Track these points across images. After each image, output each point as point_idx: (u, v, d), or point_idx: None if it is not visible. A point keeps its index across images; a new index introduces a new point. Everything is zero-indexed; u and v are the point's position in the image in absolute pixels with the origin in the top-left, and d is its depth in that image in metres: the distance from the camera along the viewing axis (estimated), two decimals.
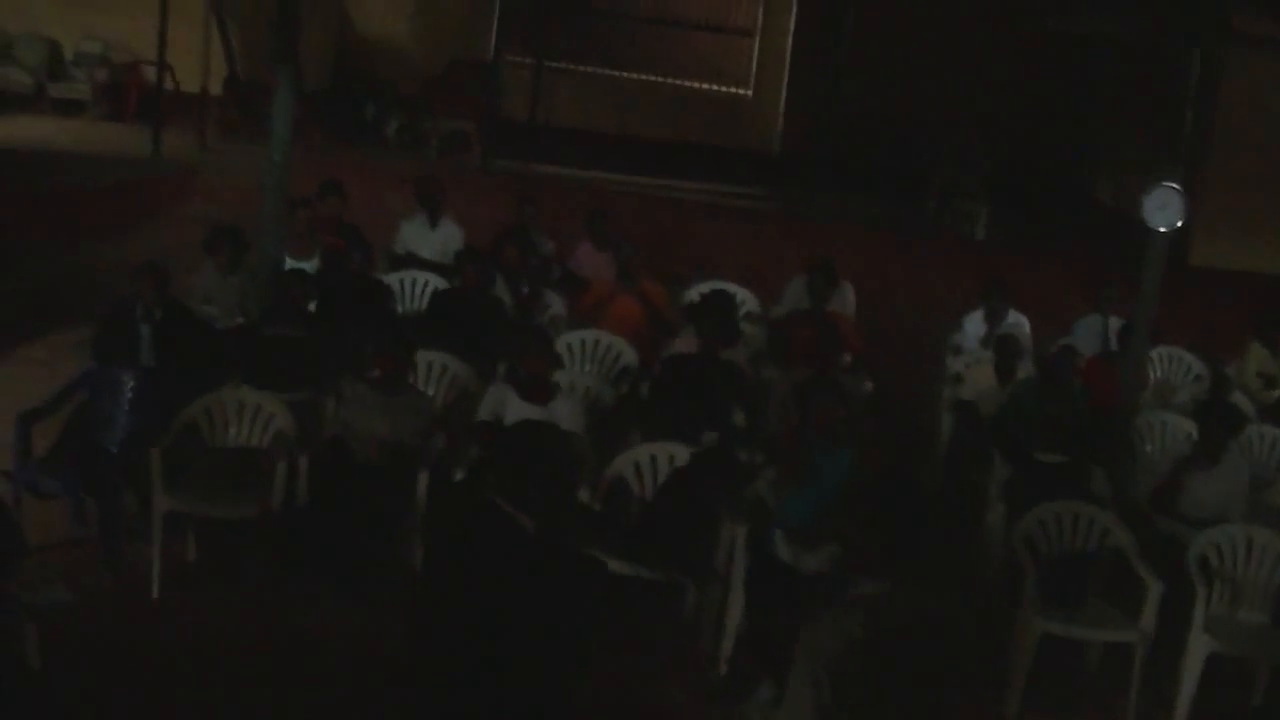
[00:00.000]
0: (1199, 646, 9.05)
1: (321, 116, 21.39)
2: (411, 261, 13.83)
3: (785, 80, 25.36)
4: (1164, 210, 10.93)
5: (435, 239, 14.23)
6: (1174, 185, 10.91)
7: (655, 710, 8.55)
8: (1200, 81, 12.07)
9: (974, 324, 14.09)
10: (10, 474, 9.20)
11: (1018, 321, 13.88)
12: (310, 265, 12.62)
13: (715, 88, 25.31)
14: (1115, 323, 13.68)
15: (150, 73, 21.12)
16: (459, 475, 9.31)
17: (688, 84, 25.17)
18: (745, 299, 13.99)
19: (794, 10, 25.45)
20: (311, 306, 11.67)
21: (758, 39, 25.63)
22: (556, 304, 13.10)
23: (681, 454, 9.63)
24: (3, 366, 12.41)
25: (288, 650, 8.65)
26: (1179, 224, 11.04)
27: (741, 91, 25.47)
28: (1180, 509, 10.34)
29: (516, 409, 9.56)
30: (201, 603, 9.07)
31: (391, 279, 13.14)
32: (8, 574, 7.32)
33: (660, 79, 25.00)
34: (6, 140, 18.99)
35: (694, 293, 13.68)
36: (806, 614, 7.32)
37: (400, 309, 12.84)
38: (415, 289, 13.20)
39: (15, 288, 14.36)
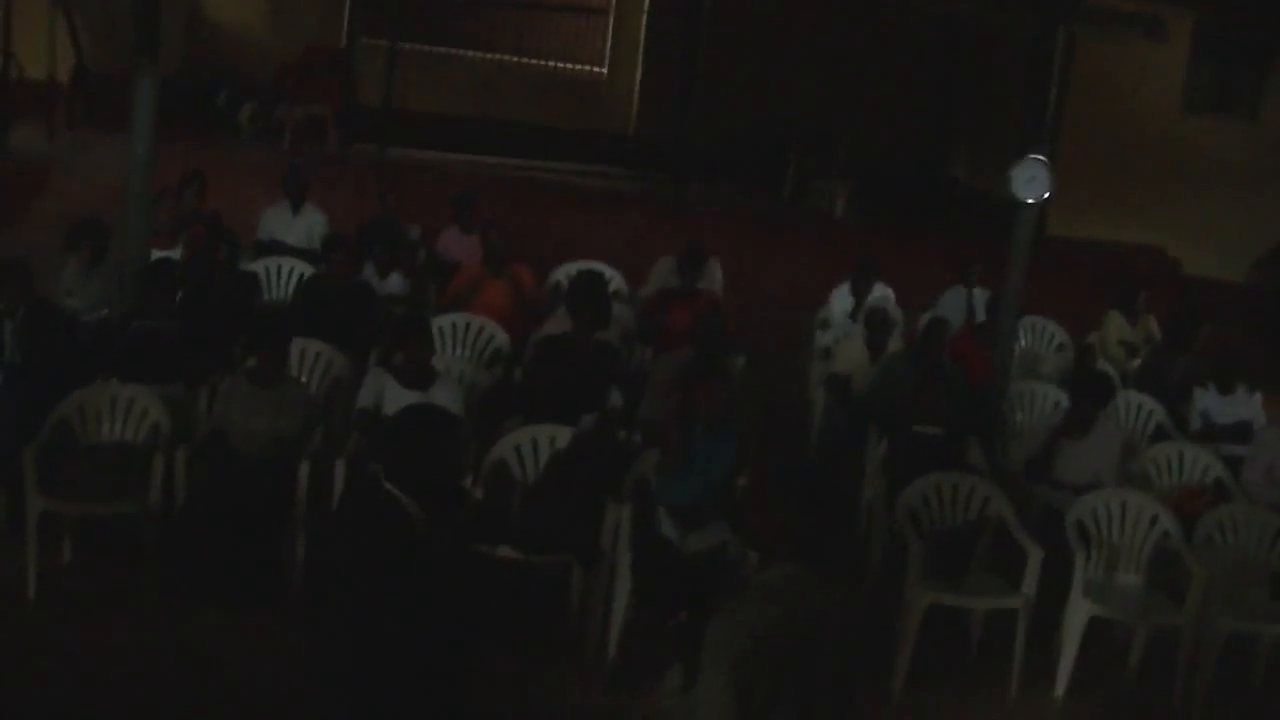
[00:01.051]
0: (1079, 610, 9.18)
1: (172, 105, 21.04)
2: (276, 248, 13.67)
3: (640, 60, 25.31)
4: (1031, 182, 11.08)
5: (298, 225, 14.11)
6: (1040, 158, 11.06)
7: (544, 697, 8.48)
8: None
9: (840, 298, 14.20)
10: None
11: (884, 294, 14.00)
12: (170, 257, 12.41)
13: (571, 67, 25.21)
14: (980, 294, 13.87)
15: None
16: (340, 465, 9.22)
17: (543, 64, 25.06)
18: (613, 278, 13.96)
19: None
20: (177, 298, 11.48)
21: (612, 17, 25.56)
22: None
23: (562, 436, 9.59)
24: None
25: (169, 652, 8.46)
26: (1046, 195, 11.19)
27: (596, 70, 25.39)
28: (1055, 476, 10.49)
29: (396, 396, 9.45)
30: (79, 603, 8.88)
31: (256, 266, 12.98)
32: None
33: (516, 59, 24.85)
34: None
35: (562, 273, 13.65)
36: (709, 598, 7.33)
37: (267, 297, 12.68)
38: (281, 276, 13.04)
39: None
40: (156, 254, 12.05)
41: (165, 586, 8.89)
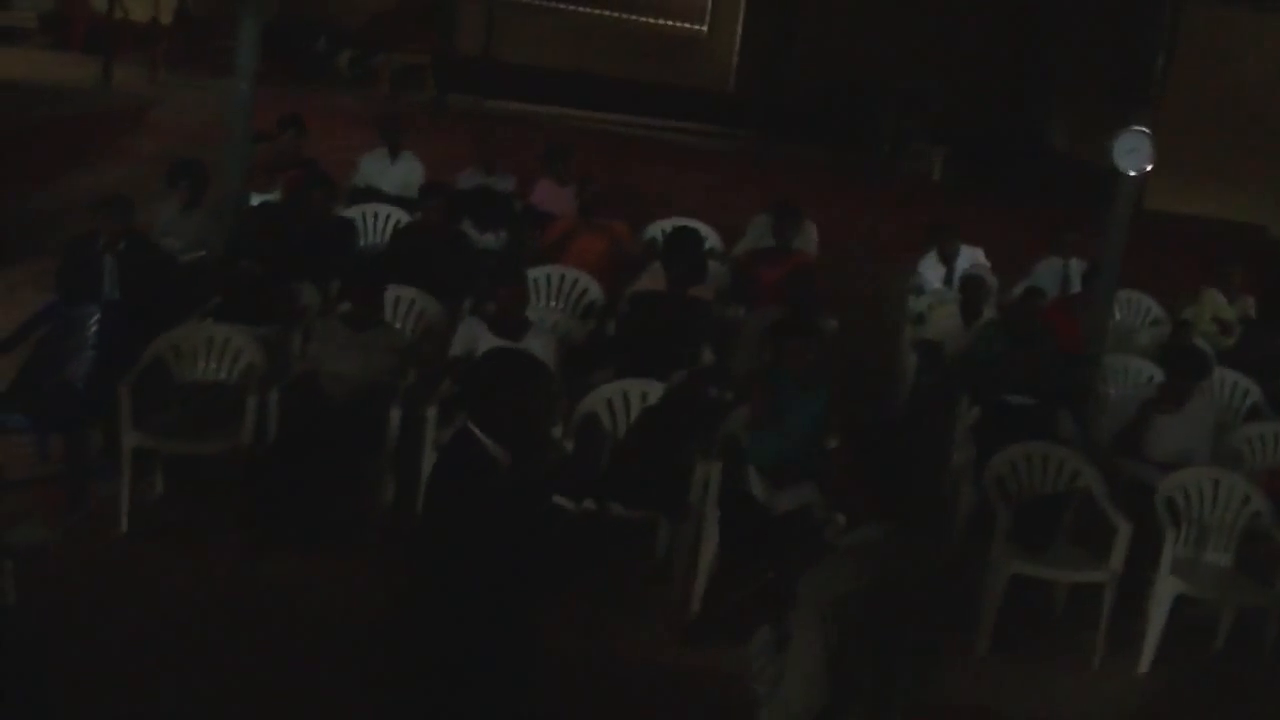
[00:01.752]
0: (1167, 588, 9.08)
1: (272, 50, 21.13)
2: (372, 195, 13.73)
3: (741, 18, 25.21)
4: (1133, 154, 10.90)
5: (396, 173, 14.16)
6: (1143, 129, 10.88)
7: (627, 650, 8.49)
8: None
9: (929, 266, 14.08)
10: None
11: (979, 261, 13.88)
12: (270, 200, 12.53)
13: (670, 23, 25.13)
14: (1078, 265, 13.73)
15: (96, 1, 20.85)
16: (431, 411, 9.26)
17: (642, 19, 24.98)
18: (708, 235, 13.91)
19: None
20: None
21: None
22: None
23: (653, 391, 9.58)
24: None
25: (254, 587, 8.57)
26: (1148, 168, 11.00)
27: (696, 28, 25.30)
28: (1145, 451, 10.37)
29: (490, 345, 9.46)
30: (169, 537, 9.01)
31: (353, 212, 13.04)
32: None
33: (615, 14, 24.78)
34: None
35: (657, 229, 13.63)
36: (794, 556, 7.30)
37: (362, 242, 12.74)
38: (377, 223, 13.10)
39: None
40: (255, 197, 12.17)
41: (253, 524, 8.98)
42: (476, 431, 5.63)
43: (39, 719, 6.51)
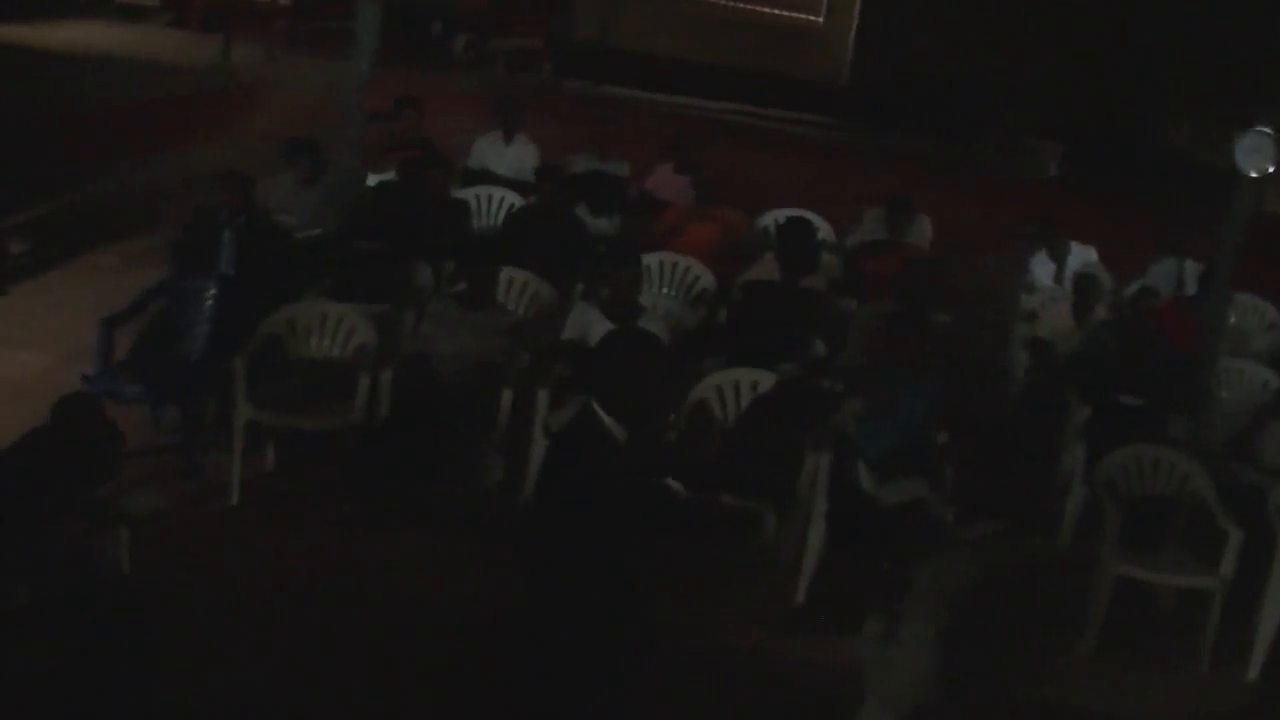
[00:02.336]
0: (1278, 596, 8.96)
1: (388, 32, 21.24)
2: (486, 177, 13.78)
3: (857, 10, 25.09)
4: (1255, 155, 10.74)
5: (510, 155, 14.18)
6: (1267, 130, 10.73)
7: (733, 638, 8.49)
8: None
9: (1041, 264, 13.96)
10: (91, 378, 9.18)
11: (1092, 259, 13.75)
12: (386, 180, 12.61)
13: (787, 14, 25.04)
14: (1192, 267, 13.55)
15: None
16: (543, 393, 9.30)
17: (760, 10, 24.91)
18: (820, 226, 13.84)
19: None
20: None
21: None
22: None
23: (765, 380, 9.57)
24: (72, 274, 12.46)
25: (360, 565, 8.65)
26: (1270, 169, 10.84)
27: (812, 19, 25.21)
28: (1259, 457, 10.25)
29: (602, 331, 9.48)
30: (279, 513, 9.13)
31: (467, 194, 13.09)
32: (105, 477, 7.32)
33: (731, 3, 24.76)
34: (77, 46, 18.95)
35: (770, 219, 13.59)
36: (908, 550, 7.29)
37: (476, 224, 12.80)
38: (491, 205, 13.16)
39: (83, 196, 14.32)
40: (372, 176, 12.26)
41: (362, 501, 9.07)
42: (598, 410, 5.67)
43: (146, 684, 6.63)
